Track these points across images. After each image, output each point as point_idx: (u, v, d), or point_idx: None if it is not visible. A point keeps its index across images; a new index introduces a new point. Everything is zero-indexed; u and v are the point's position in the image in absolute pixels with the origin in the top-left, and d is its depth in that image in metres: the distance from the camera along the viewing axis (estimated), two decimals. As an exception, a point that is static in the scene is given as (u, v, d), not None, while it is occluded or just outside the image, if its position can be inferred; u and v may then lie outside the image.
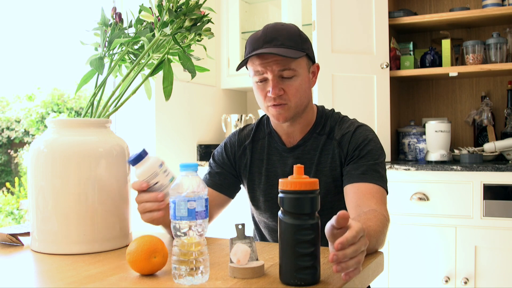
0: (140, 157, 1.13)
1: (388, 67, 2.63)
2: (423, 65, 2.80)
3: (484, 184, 2.27)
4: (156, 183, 1.15)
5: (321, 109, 1.47)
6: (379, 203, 1.24)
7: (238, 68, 1.34)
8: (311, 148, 1.42)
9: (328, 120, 1.44)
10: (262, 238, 1.56)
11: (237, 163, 1.50)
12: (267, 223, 1.50)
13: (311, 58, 1.38)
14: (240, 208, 2.13)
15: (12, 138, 3.49)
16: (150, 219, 1.17)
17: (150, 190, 1.15)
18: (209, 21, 1.25)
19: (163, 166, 1.15)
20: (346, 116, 1.47)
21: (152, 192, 1.15)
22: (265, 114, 1.52)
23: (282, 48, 1.29)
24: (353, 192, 1.29)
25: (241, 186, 1.54)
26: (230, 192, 1.49)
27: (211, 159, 1.54)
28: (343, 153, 1.38)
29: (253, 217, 1.58)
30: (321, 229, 0.89)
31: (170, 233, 1.32)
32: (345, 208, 1.34)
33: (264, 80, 1.33)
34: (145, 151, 1.14)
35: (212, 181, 1.48)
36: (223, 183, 1.47)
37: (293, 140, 1.44)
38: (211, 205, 1.42)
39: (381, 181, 1.31)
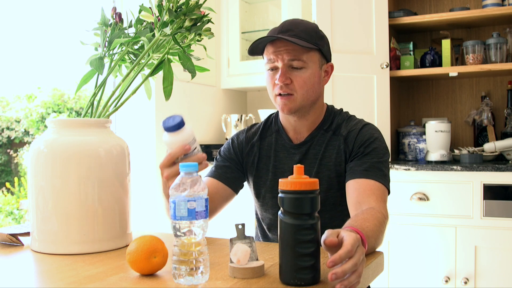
0: (181, 124, 1.12)
1: (388, 67, 2.62)
2: (423, 65, 2.80)
3: (484, 184, 2.27)
4: (195, 148, 1.15)
5: (330, 108, 1.50)
6: (379, 200, 1.25)
7: (249, 50, 1.38)
8: (317, 144, 1.44)
9: (335, 118, 1.46)
10: (265, 236, 1.56)
11: (245, 160, 1.50)
12: (272, 219, 1.50)
13: (325, 56, 1.40)
14: (241, 208, 2.13)
15: (12, 138, 3.49)
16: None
17: (189, 154, 1.13)
18: (209, 21, 1.25)
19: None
20: (354, 115, 1.50)
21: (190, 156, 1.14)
22: (273, 113, 1.53)
23: (294, 38, 1.32)
24: (354, 188, 1.30)
25: (245, 183, 1.54)
26: (235, 186, 1.49)
27: (217, 155, 1.55)
28: (348, 149, 1.39)
29: (257, 215, 1.58)
30: (322, 226, 0.90)
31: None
32: (346, 206, 1.34)
33: (275, 69, 1.37)
34: (183, 119, 1.14)
35: (218, 173, 1.48)
36: (229, 176, 1.48)
37: (300, 137, 1.46)
38: (215, 197, 1.42)
39: (383, 179, 1.31)
